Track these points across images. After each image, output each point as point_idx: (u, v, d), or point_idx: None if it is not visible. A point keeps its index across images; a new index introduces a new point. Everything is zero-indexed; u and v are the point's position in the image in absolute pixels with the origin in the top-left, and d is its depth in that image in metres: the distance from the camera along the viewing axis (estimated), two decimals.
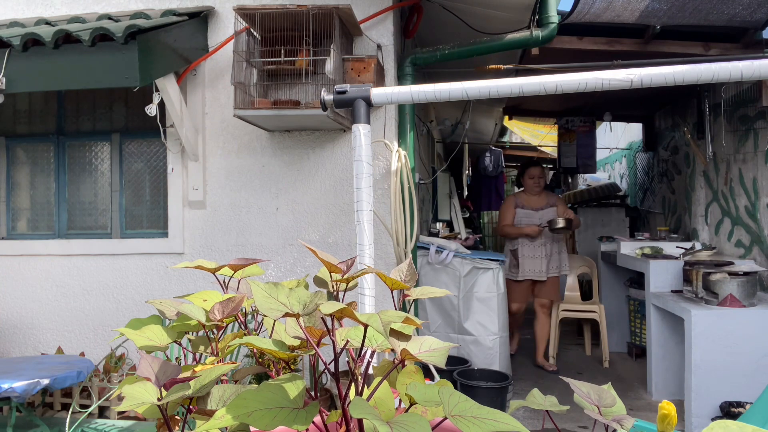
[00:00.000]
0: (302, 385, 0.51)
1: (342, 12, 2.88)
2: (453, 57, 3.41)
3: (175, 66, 3.11)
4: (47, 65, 2.78)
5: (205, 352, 0.66)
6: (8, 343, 3.68)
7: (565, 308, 5.07)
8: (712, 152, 4.74)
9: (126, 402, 0.50)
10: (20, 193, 3.89)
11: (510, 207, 4.73)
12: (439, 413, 0.48)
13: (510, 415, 0.47)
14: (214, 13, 3.41)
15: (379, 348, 0.54)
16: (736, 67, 0.74)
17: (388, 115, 3.23)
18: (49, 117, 3.84)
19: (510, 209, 4.71)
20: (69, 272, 3.61)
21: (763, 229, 4.02)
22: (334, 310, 0.50)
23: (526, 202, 4.72)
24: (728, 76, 0.74)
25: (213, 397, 0.53)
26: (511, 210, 4.70)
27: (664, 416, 0.52)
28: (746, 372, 3.26)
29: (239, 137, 3.41)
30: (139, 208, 3.73)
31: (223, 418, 0.46)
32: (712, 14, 3.44)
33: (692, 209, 5.38)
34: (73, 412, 2.34)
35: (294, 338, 0.56)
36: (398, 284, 0.63)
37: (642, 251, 4.51)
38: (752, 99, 4.10)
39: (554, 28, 3.38)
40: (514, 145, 9.94)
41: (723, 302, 3.40)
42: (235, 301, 0.66)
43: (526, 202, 4.71)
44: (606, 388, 0.56)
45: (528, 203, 4.70)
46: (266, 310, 0.52)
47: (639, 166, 7.35)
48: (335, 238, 3.32)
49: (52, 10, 3.60)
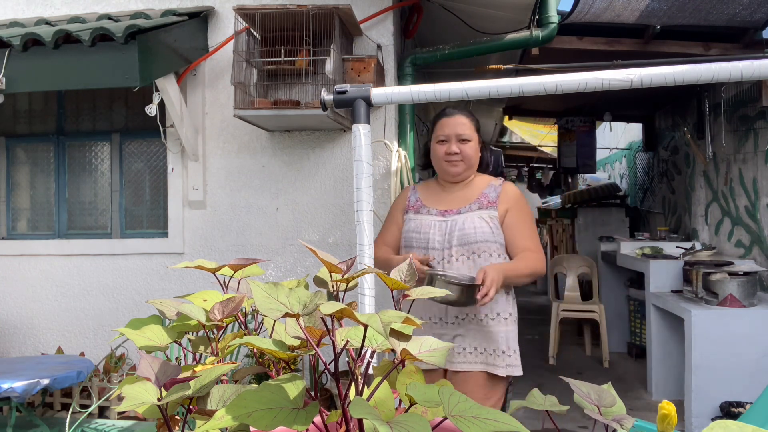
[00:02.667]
0: (302, 385, 0.51)
1: (342, 12, 2.88)
2: (453, 57, 3.41)
3: (175, 66, 3.11)
4: (47, 65, 2.78)
5: (205, 352, 0.66)
6: (8, 343, 3.68)
7: (565, 308, 5.07)
8: (712, 152, 4.74)
9: (126, 402, 0.50)
10: (20, 193, 3.89)
11: (396, 209, 2.29)
12: (439, 413, 0.48)
13: (510, 415, 0.47)
14: (214, 13, 3.41)
15: (379, 348, 0.54)
16: (736, 67, 0.74)
17: (388, 115, 3.22)
18: (49, 117, 3.84)
19: (394, 214, 2.28)
20: (69, 272, 3.61)
21: (763, 229, 4.02)
22: (334, 311, 0.50)
23: (427, 198, 2.23)
24: (728, 76, 0.74)
25: (213, 397, 0.53)
26: (395, 215, 2.27)
27: (664, 416, 0.52)
28: (746, 372, 3.26)
29: (239, 137, 3.41)
30: (139, 208, 3.73)
31: (223, 419, 0.46)
32: (712, 14, 3.44)
33: (692, 209, 5.38)
34: (73, 412, 2.34)
35: (294, 338, 0.56)
36: (398, 284, 0.63)
37: (642, 251, 4.50)
38: (752, 99, 4.10)
39: (554, 28, 3.38)
40: (514, 145, 9.94)
41: (723, 302, 3.40)
42: (235, 301, 0.66)
43: (426, 199, 2.23)
44: (606, 388, 0.56)
45: (430, 201, 2.22)
46: (266, 310, 0.52)
47: (639, 166, 7.34)
48: (335, 238, 3.31)
49: (52, 10, 3.60)
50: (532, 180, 10.70)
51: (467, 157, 2.12)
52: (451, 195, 2.18)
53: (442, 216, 2.12)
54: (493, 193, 2.15)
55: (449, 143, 2.12)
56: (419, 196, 2.24)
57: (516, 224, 2.10)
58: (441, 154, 2.14)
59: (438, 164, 2.19)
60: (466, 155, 2.12)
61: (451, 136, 2.12)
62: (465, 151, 2.12)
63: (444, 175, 2.19)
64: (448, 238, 2.06)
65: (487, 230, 2.05)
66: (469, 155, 2.13)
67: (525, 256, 2.04)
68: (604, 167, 9.08)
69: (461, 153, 2.11)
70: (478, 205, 2.10)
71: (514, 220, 2.10)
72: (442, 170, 2.18)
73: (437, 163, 2.18)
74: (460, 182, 2.19)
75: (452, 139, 2.12)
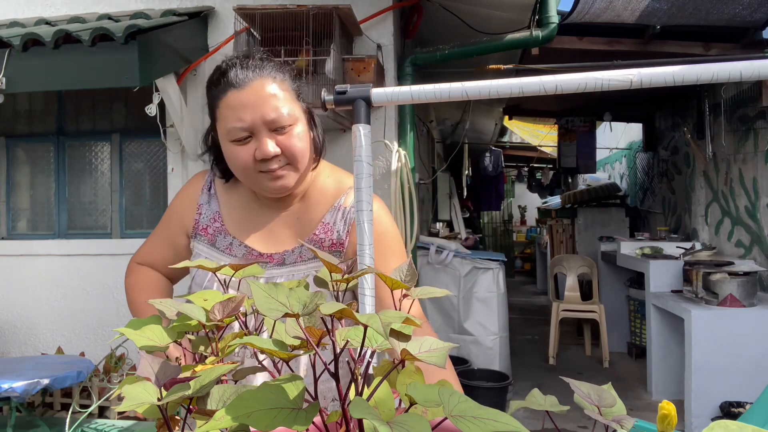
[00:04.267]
0: (302, 385, 0.51)
1: (342, 12, 2.88)
2: (453, 57, 3.41)
3: (175, 66, 3.11)
4: (47, 65, 2.78)
5: (205, 352, 0.66)
6: (8, 343, 3.68)
7: (565, 308, 5.07)
8: (712, 152, 4.74)
9: (126, 402, 0.50)
10: (20, 193, 3.89)
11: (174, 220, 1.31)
12: (439, 413, 0.48)
13: (510, 415, 0.47)
14: (214, 13, 3.41)
15: (379, 348, 0.54)
16: (735, 67, 0.74)
17: (388, 115, 3.22)
18: (49, 117, 3.83)
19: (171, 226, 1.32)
20: (69, 272, 3.61)
21: (763, 229, 4.02)
22: (334, 311, 0.50)
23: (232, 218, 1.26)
24: (728, 76, 0.74)
25: (213, 398, 0.53)
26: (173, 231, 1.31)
27: (664, 416, 0.52)
28: (746, 372, 3.26)
29: None
30: (139, 208, 3.73)
31: (223, 419, 0.46)
32: (712, 14, 3.44)
33: (692, 209, 5.38)
34: (73, 412, 2.34)
35: (294, 338, 0.56)
36: (398, 284, 0.63)
37: (642, 251, 4.51)
38: (752, 99, 4.10)
39: (554, 28, 3.38)
40: (514, 145, 9.94)
41: (723, 302, 3.40)
42: (236, 301, 0.66)
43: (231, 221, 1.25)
44: (606, 388, 0.56)
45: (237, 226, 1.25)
46: (266, 310, 0.52)
47: (639, 166, 7.34)
48: None
49: (52, 10, 3.60)
50: (532, 180, 10.72)
51: (295, 156, 1.13)
52: (273, 220, 1.23)
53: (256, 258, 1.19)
54: (340, 224, 1.21)
55: (257, 140, 1.11)
56: (219, 210, 1.26)
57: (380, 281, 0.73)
58: (247, 162, 1.12)
59: (246, 177, 1.16)
60: (292, 154, 1.13)
61: (257, 126, 1.10)
62: (290, 147, 1.12)
63: (263, 193, 1.20)
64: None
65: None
66: (299, 152, 1.14)
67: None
68: (604, 167, 9.08)
69: (284, 153, 1.12)
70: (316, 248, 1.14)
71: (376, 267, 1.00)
72: (257, 187, 1.18)
73: (244, 175, 1.16)
74: (291, 196, 1.23)
75: (262, 133, 1.11)
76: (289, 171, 1.15)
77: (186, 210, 1.27)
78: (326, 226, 1.21)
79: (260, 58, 1.18)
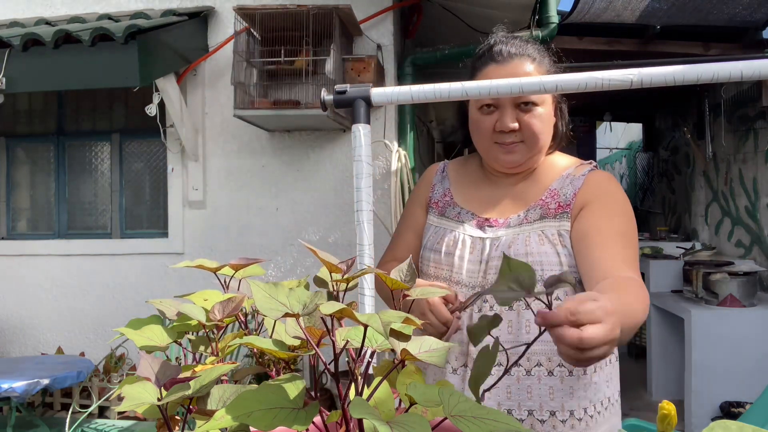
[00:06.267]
0: (302, 385, 0.51)
1: (342, 12, 2.88)
2: (453, 57, 3.41)
3: (175, 66, 3.11)
4: (47, 65, 2.78)
5: (205, 352, 0.66)
6: (8, 343, 3.68)
7: None
8: (712, 152, 4.75)
9: (126, 402, 0.50)
10: (20, 193, 3.89)
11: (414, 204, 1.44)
12: (439, 413, 0.48)
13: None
14: (214, 13, 3.41)
15: (379, 348, 0.54)
16: (736, 67, 0.74)
17: (388, 115, 3.22)
18: (49, 117, 3.83)
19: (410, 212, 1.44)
20: (69, 272, 3.61)
21: (763, 229, 4.02)
22: (334, 311, 0.50)
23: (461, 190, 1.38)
24: (728, 76, 0.74)
25: (213, 397, 0.53)
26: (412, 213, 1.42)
27: (664, 416, 0.52)
28: (746, 372, 3.26)
29: (239, 137, 3.41)
30: (139, 208, 3.73)
31: (223, 419, 0.46)
32: (712, 14, 3.44)
33: (692, 209, 5.38)
34: (73, 412, 2.34)
35: (294, 338, 0.56)
36: (398, 284, 0.63)
37: (642, 251, 4.50)
38: (752, 99, 4.10)
39: (554, 28, 3.38)
40: None
41: (723, 302, 3.40)
42: (236, 301, 0.66)
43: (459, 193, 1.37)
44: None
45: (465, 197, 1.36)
46: (266, 310, 0.52)
47: (639, 166, 7.35)
48: (335, 238, 3.31)
49: (52, 10, 3.60)
50: None
51: (532, 135, 1.21)
52: (500, 192, 1.31)
53: (480, 228, 1.27)
54: (569, 188, 1.24)
55: (501, 112, 1.21)
56: (449, 186, 1.38)
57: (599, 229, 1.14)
58: (487, 131, 1.23)
59: (482, 145, 1.28)
60: (531, 133, 1.21)
61: (503, 99, 1.20)
62: (529, 125, 1.21)
63: (492, 163, 1.30)
64: (484, 269, 1.21)
65: (553, 260, 1.17)
66: (536, 132, 1.21)
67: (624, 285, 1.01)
68: (604, 167, 9.08)
69: (522, 129, 1.21)
70: (541, 212, 1.23)
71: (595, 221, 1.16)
72: (488, 156, 1.28)
73: (481, 142, 1.28)
74: (518, 174, 1.30)
75: (506, 106, 1.20)
76: (522, 148, 1.23)
77: (422, 190, 1.42)
78: (553, 191, 1.26)
79: (525, 39, 1.30)
